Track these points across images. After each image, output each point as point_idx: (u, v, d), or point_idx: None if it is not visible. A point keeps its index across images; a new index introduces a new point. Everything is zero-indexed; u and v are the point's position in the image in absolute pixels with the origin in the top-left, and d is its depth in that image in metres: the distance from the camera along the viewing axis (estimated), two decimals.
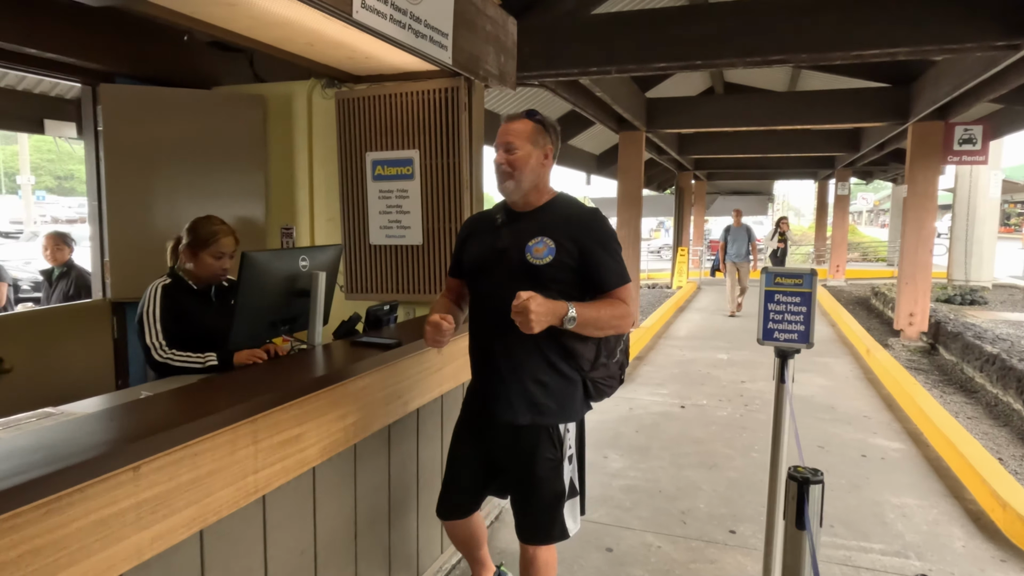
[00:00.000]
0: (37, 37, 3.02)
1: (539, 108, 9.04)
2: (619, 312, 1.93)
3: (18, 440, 1.35)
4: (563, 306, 1.83)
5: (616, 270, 1.96)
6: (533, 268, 1.92)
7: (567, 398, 2.02)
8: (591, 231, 1.97)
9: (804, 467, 1.45)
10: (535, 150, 1.99)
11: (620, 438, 4.85)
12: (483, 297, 2.06)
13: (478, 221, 2.19)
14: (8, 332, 2.98)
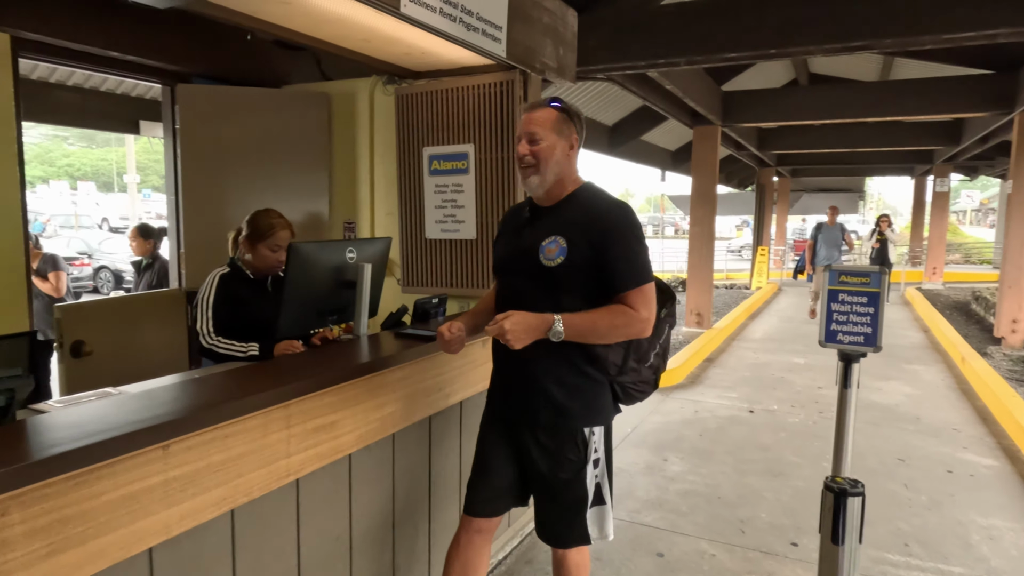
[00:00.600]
0: (119, 41, 3.22)
1: (609, 103, 8.90)
2: (623, 320, 1.80)
3: (60, 416, 1.43)
4: (546, 319, 1.76)
5: (628, 272, 1.81)
6: (547, 270, 1.82)
7: (593, 400, 1.92)
8: (608, 227, 1.82)
9: (844, 477, 1.33)
10: (560, 140, 1.88)
11: (682, 441, 4.70)
12: (507, 298, 1.96)
13: (510, 217, 2.12)
14: (90, 318, 3.20)
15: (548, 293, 1.84)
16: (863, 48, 4.45)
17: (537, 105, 1.91)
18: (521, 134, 1.90)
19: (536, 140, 1.86)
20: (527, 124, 1.89)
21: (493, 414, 2.09)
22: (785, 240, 17.71)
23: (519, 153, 1.88)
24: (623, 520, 3.46)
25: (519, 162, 1.89)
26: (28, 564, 1.19)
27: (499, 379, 2.06)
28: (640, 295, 1.81)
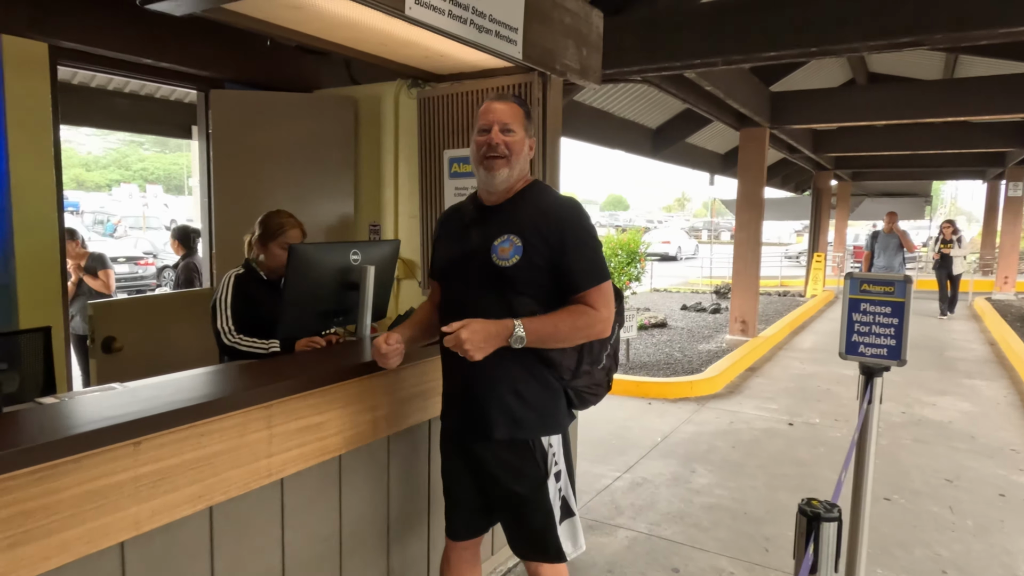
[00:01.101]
0: (153, 48, 3.34)
1: (651, 106, 8.77)
2: (584, 321, 1.73)
3: (39, 411, 1.47)
4: (506, 325, 1.68)
5: (586, 269, 1.76)
6: (499, 271, 1.74)
7: (548, 408, 1.84)
8: (565, 225, 1.76)
9: (821, 501, 1.24)
10: (526, 137, 1.84)
11: (713, 452, 4.55)
12: (452, 304, 1.87)
13: (450, 217, 2.01)
14: (121, 315, 3.33)
15: (499, 296, 1.76)
16: (911, 44, 4.22)
17: (504, 99, 1.85)
18: (490, 123, 1.79)
19: (509, 131, 1.79)
20: (499, 115, 1.79)
21: (448, 433, 1.98)
22: (844, 246, 17.03)
23: (493, 141, 1.76)
24: (641, 532, 3.37)
25: (490, 151, 1.77)
26: None
27: (449, 394, 1.95)
28: (600, 294, 1.76)
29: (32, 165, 3.02)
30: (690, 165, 11.18)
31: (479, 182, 1.85)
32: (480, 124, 1.81)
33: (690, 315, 10.39)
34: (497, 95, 1.86)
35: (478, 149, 1.80)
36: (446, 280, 1.92)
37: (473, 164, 1.83)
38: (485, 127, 1.79)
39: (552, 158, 3.37)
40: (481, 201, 1.88)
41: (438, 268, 1.95)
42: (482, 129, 1.80)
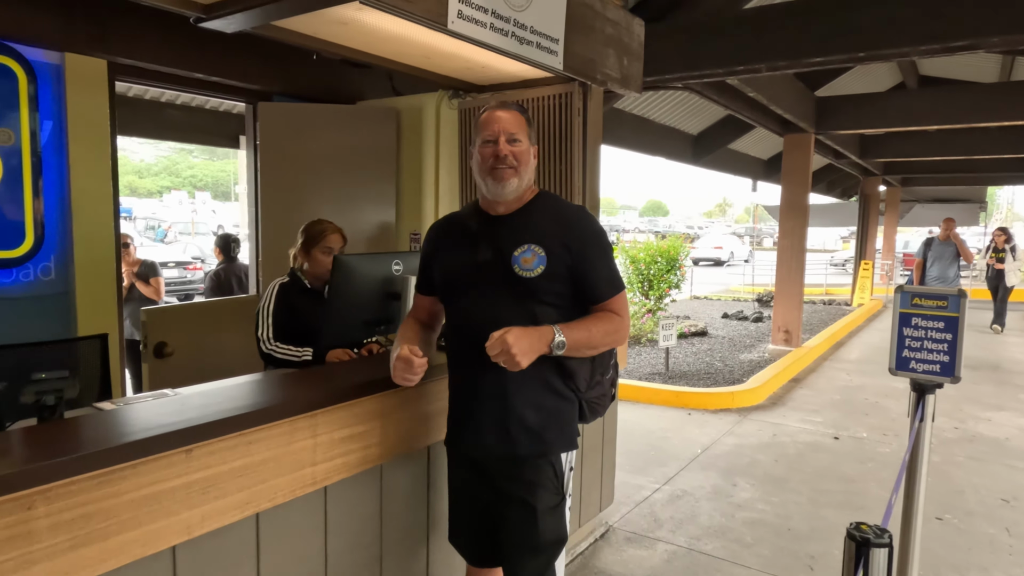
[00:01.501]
0: (204, 63, 3.46)
1: (692, 112, 8.67)
2: (612, 327, 1.74)
3: (100, 417, 1.53)
4: (547, 331, 1.64)
5: (609, 278, 1.76)
6: (523, 282, 1.70)
7: (567, 422, 1.80)
8: (582, 233, 1.75)
9: (870, 525, 1.21)
10: (531, 146, 1.79)
11: (755, 466, 4.47)
12: (465, 318, 1.80)
13: (447, 228, 1.92)
14: (173, 321, 3.45)
15: (522, 306, 1.72)
16: (966, 48, 4.09)
17: (508, 106, 1.78)
18: (495, 134, 1.73)
19: (515, 140, 1.74)
20: (504, 124, 1.73)
21: (458, 455, 1.89)
22: (893, 253, 16.53)
23: (501, 152, 1.71)
24: (680, 546, 3.32)
25: (499, 162, 1.71)
26: (52, 555, 1.28)
27: (463, 411, 1.85)
28: (622, 300, 1.79)
29: (91, 177, 3.15)
30: (732, 171, 11.01)
31: (486, 192, 1.77)
32: (484, 134, 1.75)
33: (731, 323, 10.21)
34: (498, 103, 1.79)
35: (484, 160, 1.74)
36: (453, 293, 1.84)
37: (479, 174, 1.77)
38: (490, 137, 1.73)
39: (592, 166, 3.37)
40: (486, 211, 1.82)
41: (442, 281, 1.86)
42: (487, 140, 1.74)
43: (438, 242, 1.91)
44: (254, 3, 2.39)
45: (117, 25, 3.11)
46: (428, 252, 1.92)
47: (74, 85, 3.06)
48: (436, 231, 1.95)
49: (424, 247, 1.95)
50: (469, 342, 1.74)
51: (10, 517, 1.21)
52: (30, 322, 2.95)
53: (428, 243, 1.94)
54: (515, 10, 2.69)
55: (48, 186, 3.02)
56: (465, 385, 1.82)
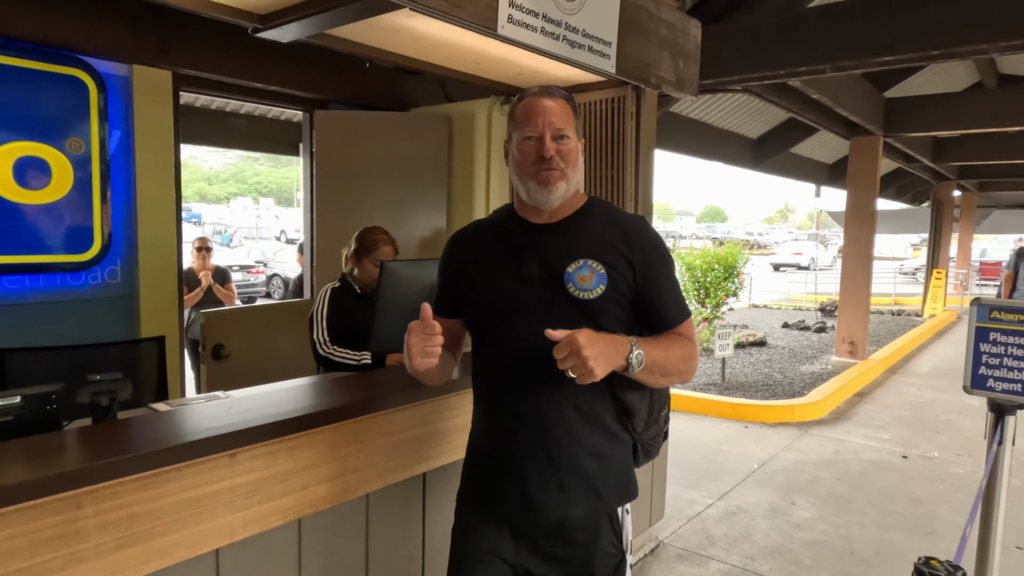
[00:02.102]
0: (263, 73, 3.55)
1: (751, 116, 8.42)
2: (687, 353, 1.48)
3: (149, 419, 1.56)
4: (623, 341, 1.35)
5: (678, 300, 1.51)
6: (580, 304, 1.42)
7: (626, 471, 1.52)
8: (646, 248, 1.47)
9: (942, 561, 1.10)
10: (578, 141, 1.48)
11: (816, 484, 4.27)
12: (507, 349, 1.47)
13: (476, 238, 1.59)
14: (229, 324, 3.54)
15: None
16: None
17: (553, 93, 1.46)
18: (540, 129, 1.42)
19: (563, 136, 1.43)
20: (550, 116, 1.42)
21: (482, 516, 1.52)
22: (969, 262, 15.67)
23: (547, 153, 1.41)
24: (734, 566, 3.19)
25: (544, 164, 1.41)
26: (99, 554, 1.30)
27: (498, 462, 1.49)
28: (692, 327, 1.54)
29: (155, 184, 3.27)
30: (794, 176, 10.65)
31: (527, 198, 1.46)
32: (526, 129, 1.43)
33: (792, 333, 9.86)
34: (541, 88, 1.47)
35: (525, 160, 1.43)
36: (490, 318, 1.50)
37: (518, 177, 1.46)
38: (533, 133, 1.42)
39: (645, 172, 3.29)
40: (525, 219, 1.51)
41: (475, 303, 1.52)
42: (529, 136, 1.43)
43: (464, 254, 1.57)
44: (308, 12, 2.44)
45: (181, 37, 3.23)
46: (452, 267, 1.58)
47: (141, 96, 3.19)
48: (462, 241, 1.61)
49: (446, 260, 1.61)
50: (512, 377, 1.46)
51: (60, 516, 1.24)
52: (96, 323, 3.08)
53: (452, 256, 1.60)
54: (566, 13, 2.65)
55: (115, 193, 3.14)
56: (503, 431, 1.49)
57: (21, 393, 1.47)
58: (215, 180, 47.09)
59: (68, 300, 3.04)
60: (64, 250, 3.01)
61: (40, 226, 2.92)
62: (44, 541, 1.23)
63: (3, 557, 1.18)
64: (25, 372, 2.07)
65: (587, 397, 1.43)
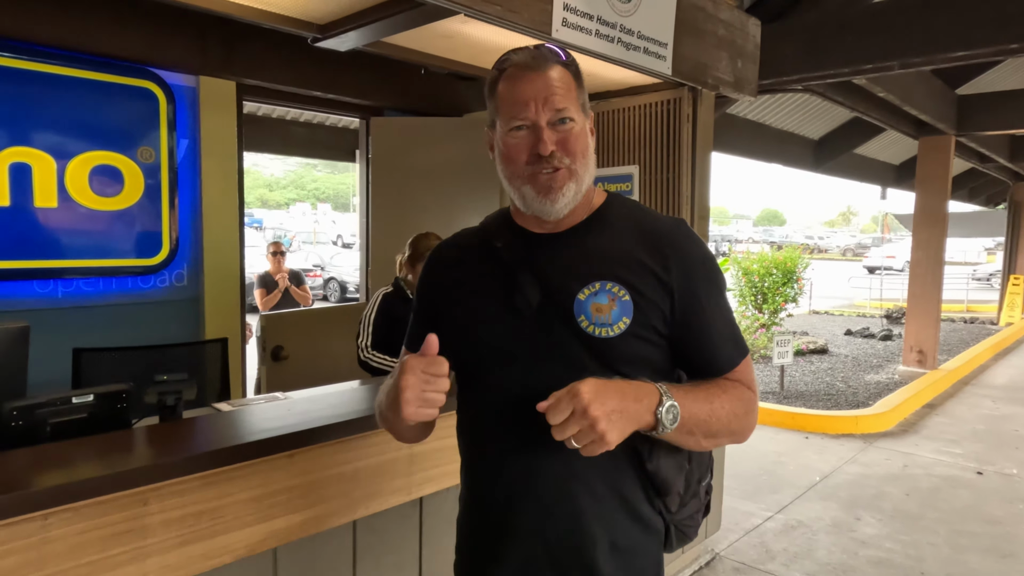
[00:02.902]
0: (322, 81, 3.64)
1: (813, 116, 8.17)
2: (743, 405, 1.08)
3: (212, 419, 1.61)
4: (648, 389, 0.98)
5: (733, 335, 1.12)
6: (596, 345, 1.03)
7: (652, 563, 1.12)
8: (688, 261, 1.08)
9: None
10: (586, 120, 1.10)
11: (882, 499, 4.08)
12: (494, 404, 1.10)
13: (460, 257, 1.20)
14: (288, 327, 3.64)
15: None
16: None
17: (544, 59, 1.05)
18: (531, 114, 1.03)
19: (564, 119, 1.05)
20: (544, 93, 1.03)
21: None
22: None
23: (543, 150, 1.03)
24: None
25: (542, 164, 1.04)
26: (162, 550, 1.34)
27: (482, 541, 1.15)
28: (750, 368, 1.13)
29: (220, 191, 3.39)
30: (858, 178, 10.26)
31: (524, 207, 1.10)
32: (514, 115, 1.05)
33: (855, 341, 9.50)
34: (527, 53, 1.06)
35: (515, 156, 1.06)
36: (475, 365, 1.14)
37: (509, 181, 1.09)
38: (524, 121, 1.04)
39: (702, 175, 3.22)
40: (523, 228, 1.14)
41: (456, 344, 1.11)
42: (519, 125, 1.05)
43: (447, 276, 1.20)
44: (365, 21, 2.48)
45: (244, 49, 3.33)
46: (430, 292, 1.22)
47: (207, 105, 3.31)
48: (442, 259, 1.24)
49: (422, 284, 1.25)
50: (500, 441, 1.10)
51: (127, 512, 1.29)
52: (163, 324, 3.21)
53: (429, 278, 1.24)
54: (621, 15, 2.62)
55: (182, 200, 3.27)
56: (491, 513, 1.12)
57: (94, 391, 1.53)
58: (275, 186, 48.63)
59: (137, 302, 3.18)
60: (134, 254, 3.14)
61: (113, 231, 3.06)
62: (113, 536, 1.28)
63: (76, 549, 1.23)
64: (97, 371, 2.17)
65: (602, 470, 1.05)
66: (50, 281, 2.91)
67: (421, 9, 2.29)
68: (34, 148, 2.82)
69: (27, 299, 2.86)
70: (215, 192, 3.39)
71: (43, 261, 2.86)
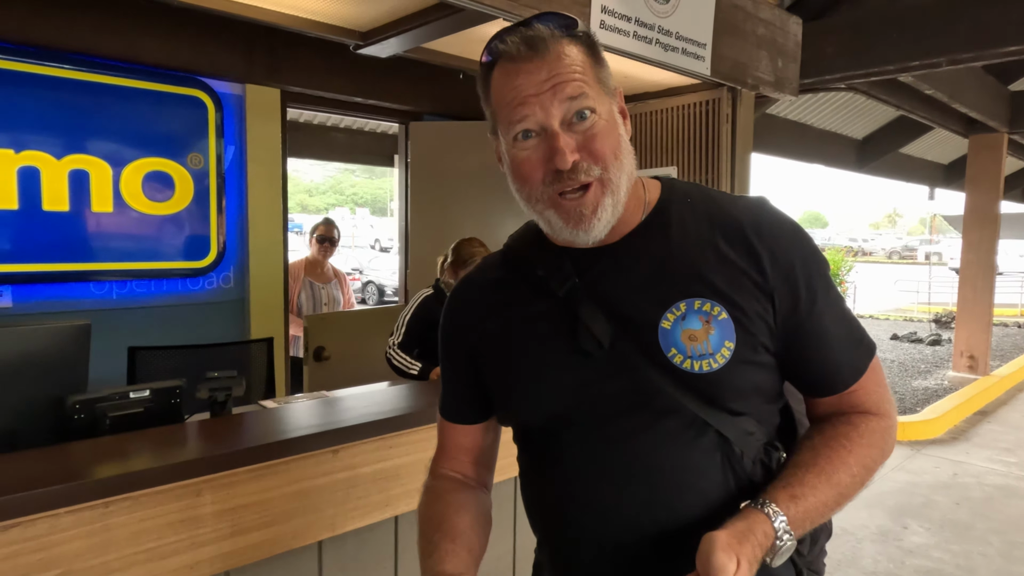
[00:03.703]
0: (362, 87, 3.71)
1: (856, 115, 8.00)
2: (879, 446, 0.86)
3: (261, 415, 1.66)
4: (759, 525, 0.76)
5: (850, 333, 0.88)
6: (697, 384, 0.81)
7: None
8: (790, 249, 0.85)
9: None
10: (612, 102, 0.85)
11: (931, 507, 3.96)
12: (567, 475, 0.89)
13: (494, 293, 0.96)
14: (330, 327, 3.71)
15: (696, 432, 0.83)
16: None
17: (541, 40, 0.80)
18: (537, 118, 0.80)
19: (585, 113, 0.80)
20: (550, 83, 0.79)
21: None
22: None
23: (562, 164, 0.80)
24: None
25: (565, 182, 0.81)
26: (216, 540, 1.40)
27: None
28: (877, 374, 0.89)
29: (264, 195, 3.49)
30: (904, 178, 9.97)
31: (553, 232, 0.88)
32: (515, 120, 0.82)
33: (902, 346, 9.23)
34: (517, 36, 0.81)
35: (528, 174, 0.84)
36: (535, 422, 0.91)
37: (524, 201, 0.88)
38: (531, 125, 0.82)
39: (741, 177, 3.19)
40: (563, 246, 0.90)
41: (508, 396, 0.93)
42: (524, 132, 0.82)
43: (483, 321, 0.95)
44: (406, 28, 2.54)
45: (288, 56, 3.43)
46: (463, 345, 0.97)
47: (253, 113, 3.41)
48: (469, 301, 0.99)
49: (448, 337, 1.01)
50: (581, 520, 0.88)
51: (182, 502, 1.34)
52: (211, 325, 3.31)
53: (458, 328, 0.99)
54: (659, 17, 2.62)
55: (229, 204, 3.37)
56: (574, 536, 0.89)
57: (151, 387, 1.60)
58: (315, 192, 49.54)
59: (186, 303, 3.29)
60: (184, 257, 3.25)
61: (164, 235, 3.18)
62: (169, 524, 1.33)
63: (136, 536, 1.29)
64: (151, 368, 2.26)
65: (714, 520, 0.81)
66: (106, 283, 3.04)
67: (460, 15, 2.33)
68: (92, 155, 2.94)
69: (85, 300, 2.99)
70: (260, 197, 3.49)
71: (100, 264, 2.99)
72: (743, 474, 0.84)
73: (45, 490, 1.19)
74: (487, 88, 0.86)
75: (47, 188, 2.83)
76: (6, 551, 1.16)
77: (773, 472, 0.84)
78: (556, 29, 0.82)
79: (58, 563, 1.21)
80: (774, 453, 0.87)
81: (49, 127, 2.83)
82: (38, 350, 1.54)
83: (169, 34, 3.08)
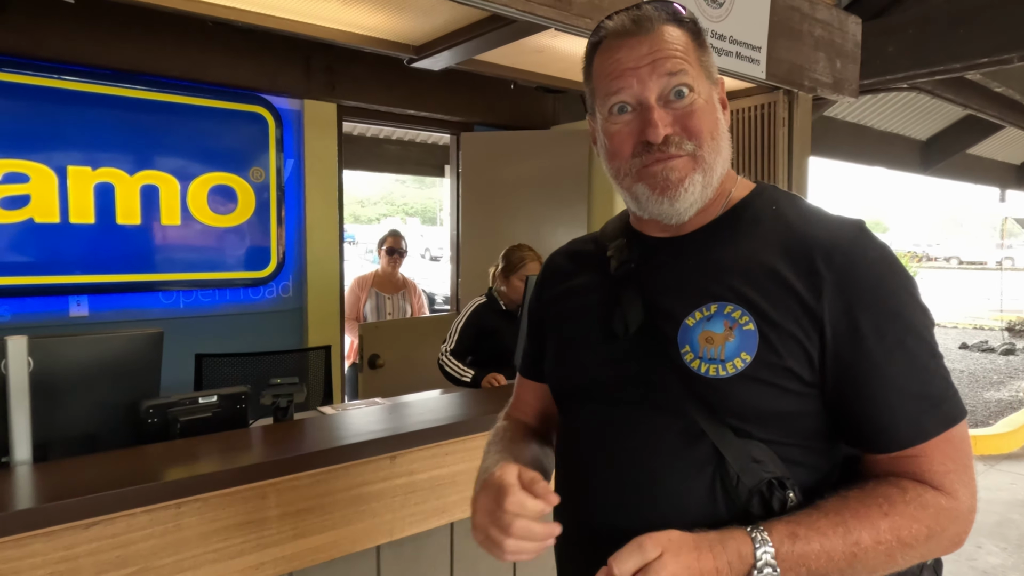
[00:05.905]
0: (415, 100, 3.79)
1: (918, 115, 7.73)
2: (927, 524, 0.74)
3: (321, 420, 1.71)
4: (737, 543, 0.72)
5: (924, 391, 0.77)
6: (703, 388, 0.79)
7: None
8: (861, 284, 0.78)
9: None
10: (712, 88, 0.86)
11: (1007, 526, 3.76)
12: (579, 446, 0.89)
13: (572, 265, 1.01)
14: (384, 336, 3.78)
15: (696, 447, 0.79)
16: None
17: (648, 19, 0.83)
18: (634, 90, 0.81)
19: (682, 89, 0.81)
20: (650, 58, 0.81)
21: None
22: None
23: (654, 137, 0.80)
24: None
25: (654, 154, 0.81)
26: (280, 542, 1.44)
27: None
28: (949, 450, 0.76)
29: (321, 207, 3.59)
30: (972, 180, 9.54)
31: (638, 209, 0.88)
32: (612, 92, 0.83)
33: (972, 355, 8.81)
34: (626, 15, 0.84)
35: (619, 146, 0.84)
36: (563, 391, 0.95)
37: (613, 176, 0.88)
38: (628, 98, 0.82)
39: (799, 181, 3.11)
40: (643, 232, 0.92)
41: (551, 370, 0.98)
42: (619, 104, 0.83)
43: (551, 292, 1.02)
44: (459, 41, 2.58)
45: (344, 72, 3.53)
46: (538, 313, 1.05)
47: (311, 127, 3.52)
48: (549, 273, 1.06)
49: (531, 302, 1.09)
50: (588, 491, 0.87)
51: (248, 504, 1.39)
52: (270, 333, 3.42)
53: (536, 295, 1.07)
54: (713, 21, 2.59)
55: (288, 216, 3.48)
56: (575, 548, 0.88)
57: (218, 393, 1.66)
58: (367, 203, 50.59)
59: (248, 312, 3.40)
60: (246, 267, 3.37)
61: (227, 247, 3.30)
62: (236, 526, 1.38)
63: (206, 537, 1.34)
64: (215, 375, 2.35)
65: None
66: (174, 292, 3.17)
67: (512, 26, 2.35)
68: (161, 171, 3.09)
69: (154, 309, 3.13)
70: (317, 208, 3.59)
71: (168, 274, 3.13)
72: (736, 501, 0.77)
73: (123, 490, 1.25)
74: (590, 65, 0.89)
75: (121, 203, 2.98)
76: (88, 547, 1.22)
77: (773, 511, 0.76)
78: (664, 13, 0.84)
79: (135, 560, 1.27)
80: (779, 492, 0.76)
81: (122, 145, 2.98)
82: (115, 357, 1.62)
83: (232, 54, 3.21)
